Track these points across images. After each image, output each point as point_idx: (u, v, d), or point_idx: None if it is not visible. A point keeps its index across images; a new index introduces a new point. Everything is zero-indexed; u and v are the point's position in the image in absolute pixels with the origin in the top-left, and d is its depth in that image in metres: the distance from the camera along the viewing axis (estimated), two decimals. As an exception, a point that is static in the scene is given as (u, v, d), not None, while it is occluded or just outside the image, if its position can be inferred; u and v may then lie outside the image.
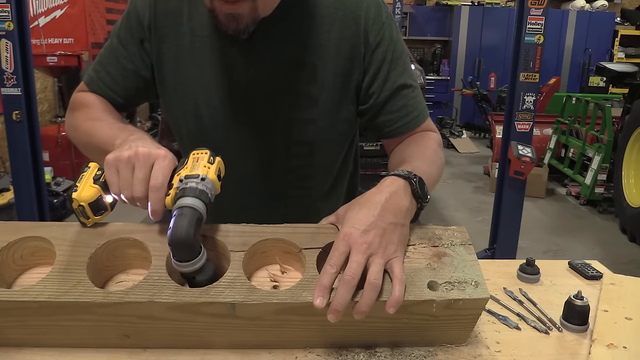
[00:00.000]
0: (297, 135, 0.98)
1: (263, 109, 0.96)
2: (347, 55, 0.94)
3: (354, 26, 0.93)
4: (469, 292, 0.71)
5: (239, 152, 0.99)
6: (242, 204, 1.05)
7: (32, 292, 0.68)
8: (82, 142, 0.95)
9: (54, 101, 5.31)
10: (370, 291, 0.67)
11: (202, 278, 0.70)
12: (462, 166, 6.59)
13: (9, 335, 0.72)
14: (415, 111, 1.00)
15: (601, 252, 3.95)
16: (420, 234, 0.80)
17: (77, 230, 0.76)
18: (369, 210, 0.73)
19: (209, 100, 0.96)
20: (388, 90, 0.97)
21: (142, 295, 0.68)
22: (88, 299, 0.67)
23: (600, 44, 8.70)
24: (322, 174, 1.06)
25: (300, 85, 0.94)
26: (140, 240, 0.76)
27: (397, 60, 0.97)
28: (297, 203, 1.06)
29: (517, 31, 2.76)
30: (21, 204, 2.88)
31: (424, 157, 0.90)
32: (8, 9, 2.63)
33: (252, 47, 0.92)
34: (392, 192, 0.76)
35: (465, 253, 0.78)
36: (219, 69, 0.94)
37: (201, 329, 0.72)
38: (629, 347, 0.79)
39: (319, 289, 0.67)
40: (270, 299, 0.69)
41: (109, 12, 6.44)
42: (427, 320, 0.73)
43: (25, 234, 0.76)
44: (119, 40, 0.99)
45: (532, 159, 2.76)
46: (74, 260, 0.72)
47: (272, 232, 0.79)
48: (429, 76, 8.58)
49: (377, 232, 0.71)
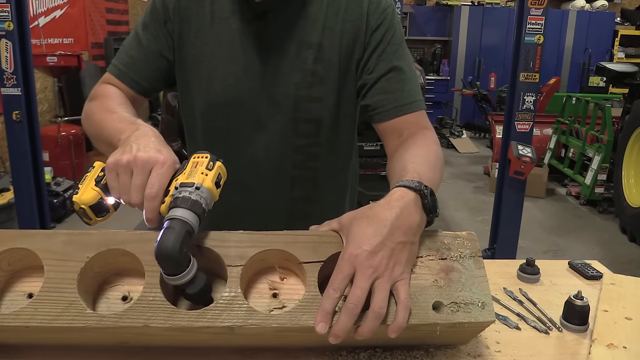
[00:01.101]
0: (305, 113, 1.01)
1: (274, 86, 1.00)
2: (350, 36, 1.00)
3: (358, 9, 1.00)
4: (475, 315, 0.69)
5: (249, 130, 1.03)
6: (248, 186, 1.06)
7: (23, 317, 0.65)
8: (93, 133, 0.97)
9: (54, 101, 5.30)
10: (374, 319, 0.65)
11: (193, 291, 0.68)
12: (462, 166, 6.58)
13: (6, 342, 0.72)
14: (410, 97, 0.99)
15: (601, 252, 3.95)
16: (429, 244, 0.76)
17: (64, 240, 0.72)
18: (378, 228, 0.69)
19: (225, 77, 1.00)
20: (382, 69, 0.99)
21: (136, 320, 0.66)
22: (81, 324, 0.65)
23: (600, 44, 8.70)
24: (327, 155, 1.08)
25: (308, 64, 0.99)
26: (132, 253, 0.72)
27: (396, 46, 1.01)
28: (303, 186, 1.08)
29: (517, 31, 2.76)
30: (21, 204, 2.88)
31: (428, 162, 0.87)
32: (8, 9, 2.63)
33: (267, 27, 0.99)
34: (403, 208, 0.72)
35: (474, 267, 0.74)
36: (236, 48, 0.99)
37: (200, 341, 0.71)
38: (629, 347, 0.79)
39: (320, 314, 0.65)
40: (270, 323, 0.66)
41: (109, 12, 6.44)
42: (430, 334, 0.71)
43: (10, 245, 0.72)
44: (143, 27, 1.03)
45: (532, 159, 2.76)
46: (64, 277, 0.68)
47: (271, 241, 0.74)
48: (429, 76, 8.58)
49: (384, 253, 0.67)
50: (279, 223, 1.01)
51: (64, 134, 4.67)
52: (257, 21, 0.98)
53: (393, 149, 0.98)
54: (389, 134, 1.00)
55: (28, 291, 0.73)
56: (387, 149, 1.02)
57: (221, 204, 0.74)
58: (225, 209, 1.09)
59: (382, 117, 1.00)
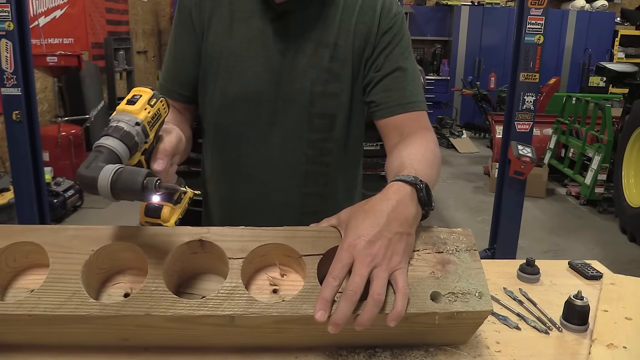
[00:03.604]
0: (320, 108, 1.05)
1: (291, 83, 1.04)
2: (362, 37, 1.05)
3: (370, 12, 1.05)
4: (473, 304, 0.70)
5: (264, 125, 1.06)
6: (262, 180, 1.09)
7: (26, 305, 0.67)
8: None
9: (54, 101, 5.30)
10: (373, 306, 0.66)
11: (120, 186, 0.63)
12: (462, 166, 6.58)
13: (6, 340, 0.72)
14: (413, 97, 1.04)
15: (601, 252, 3.95)
16: (425, 239, 0.78)
17: (70, 234, 0.74)
18: (375, 219, 0.72)
19: (244, 73, 1.04)
20: (389, 68, 1.04)
21: (139, 308, 0.67)
22: (84, 312, 0.66)
23: (600, 44, 8.70)
24: (341, 150, 1.11)
25: (324, 62, 1.04)
26: (136, 246, 0.74)
27: (403, 48, 1.06)
28: (315, 181, 1.10)
29: (517, 31, 2.76)
30: (21, 204, 2.88)
31: (426, 160, 0.90)
32: (8, 9, 2.62)
33: (286, 26, 1.03)
34: (399, 200, 0.75)
35: (470, 260, 0.76)
36: (254, 45, 1.03)
37: (200, 336, 0.71)
38: (629, 347, 0.79)
39: (320, 302, 0.66)
40: (270, 311, 0.67)
41: (109, 12, 6.44)
42: (429, 327, 0.72)
43: (17, 238, 0.74)
44: (174, 38, 1.10)
45: (532, 159, 2.76)
46: (68, 268, 0.70)
47: (271, 236, 0.76)
48: (429, 76, 8.59)
49: (382, 243, 0.70)
50: (291, 218, 1.03)
51: (64, 134, 4.67)
52: (277, 21, 1.03)
53: (392, 146, 1.02)
54: (390, 131, 1.04)
55: (32, 288, 0.74)
56: (386, 146, 1.05)
57: (235, 199, 0.75)
58: (240, 204, 1.13)
59: (384, 113, 1.04)
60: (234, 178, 1.11)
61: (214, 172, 1.15)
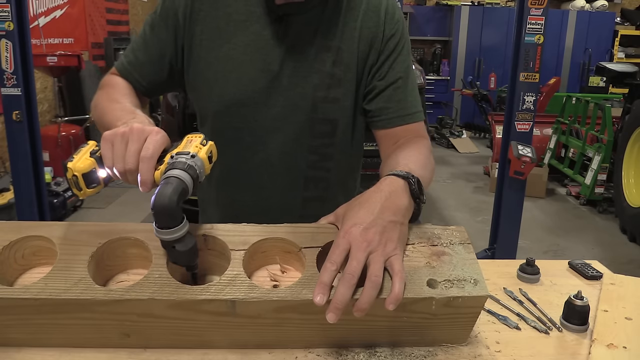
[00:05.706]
0: (322, 114, 1.04)
1: (292, 88, 1.02)
2: (367, 42, 1.03)
3: (375, 18, 1.03)
4: (468, 290, 0.72)
5: (264, 130, 1.04)
6: (261, 185, 1.08)
7: (33, 290, 0.68)
8: (97, 121, 1.00)
9: (54, 101, 5.31)
10: (371, 288, 0.67)
11: (182, 248, 0.71)
12: (462, 166, 6.58)
13: (10, 335, 0.72)
14: (413, 108, 1.05)
15: (601, 252, 3.95)
16: (419, 234, 0.81)
17: (79, 230, 0.77)
18: (369, 209, 0.75)
19: (240, 79, 1.01)
20: (392, 77, 1.04)
21: (143, 293, 0.68)
22: (89, 296, 0.68)
23: (600, 44, 8.70)
24: (341, 155, 1.10)
25: (327, 67, 1.02)
26: (142, 240, 0.76)
27: (404, 56, 1.06)
28: (316, 186, 1.10)
29: (517, 31, 2.76)
30: (21, 204, 2.88)
31: (419, 162, 0.92)
32: (8, 9, 2.63)
33: (287, 30, 1.00)
34: (392, 191, 0.78)
35: (464, 252, 0.78)
36: (252, 49, 1.01)
37: (201, 328, 0.72)
38: (629, 347, 0.79)
39: (319, 287, 0.67)
40: (271, 296, 0.69)
41: (109, 12, 6.44)
42: (427, 319, 0.73)
43: (27, 233, 0.76)
44: (151, 28, 1.05)
45: (532, 159, 2.76)
46: (76, 258, 0.73)
47: (272, 231, 0.79)
48: (429, 76, 8.58)
49: (377, 229, 0.72)
50: (290, 221, 1.02)
51: (64, 134, 4.67)
52: (277, 24, 1.00)
53: (388, 153, 1.03)
54: (388, 140, 1.05)
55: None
56: (382, 153, 1.06)
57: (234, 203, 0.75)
58: (238, 208, 1.12)
59: (384, 124, 1.04)
60: (233, 182, 1.10)
61: (212, 176, 1.14)
